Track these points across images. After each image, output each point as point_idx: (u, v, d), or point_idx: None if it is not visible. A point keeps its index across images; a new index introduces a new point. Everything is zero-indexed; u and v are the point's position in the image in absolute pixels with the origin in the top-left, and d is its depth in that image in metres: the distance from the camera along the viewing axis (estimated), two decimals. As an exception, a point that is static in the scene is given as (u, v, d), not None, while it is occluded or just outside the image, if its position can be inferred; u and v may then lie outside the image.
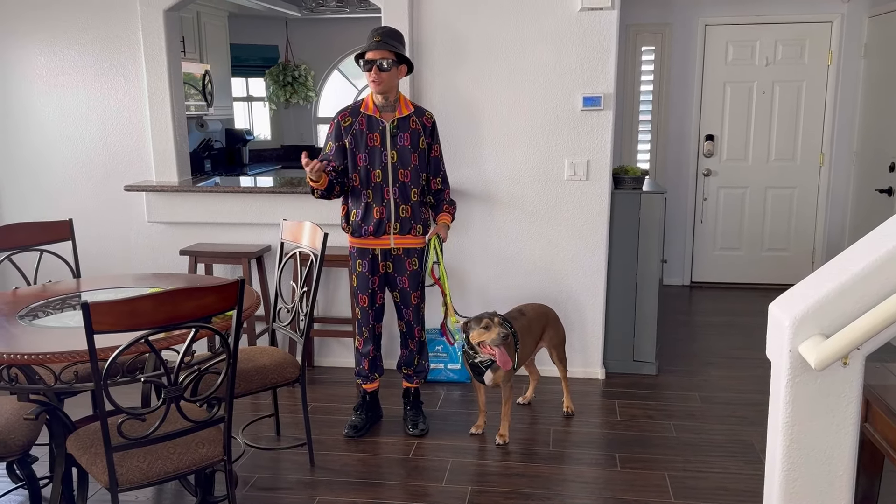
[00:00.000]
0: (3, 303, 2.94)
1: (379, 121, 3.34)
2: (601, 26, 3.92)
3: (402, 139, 3.35)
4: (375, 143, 3.34)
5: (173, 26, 4.35)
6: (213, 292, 2.29)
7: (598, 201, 4.10)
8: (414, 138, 3.37)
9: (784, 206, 6.17)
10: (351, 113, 3.37)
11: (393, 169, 3.34)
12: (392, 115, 3.35)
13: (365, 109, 3.36)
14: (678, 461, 3.29)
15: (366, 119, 3.34)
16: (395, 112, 3.36)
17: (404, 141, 3.35)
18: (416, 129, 3.38)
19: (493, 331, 3.26)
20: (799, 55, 5.91)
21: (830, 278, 1.47)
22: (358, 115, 3.35)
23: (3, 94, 4.51)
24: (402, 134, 3.35)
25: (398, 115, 3.35)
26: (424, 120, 3.41)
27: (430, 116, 3.45)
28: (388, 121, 3.34)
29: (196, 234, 4.46)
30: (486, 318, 3.29)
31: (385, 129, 3.34)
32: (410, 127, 3.37)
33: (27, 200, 4.60)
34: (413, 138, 3.37)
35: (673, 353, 4.69)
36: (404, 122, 3.36)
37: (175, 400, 2.27)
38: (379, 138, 3.34)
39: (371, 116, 3.34)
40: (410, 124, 3.37)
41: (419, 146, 3.39)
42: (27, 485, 2.66)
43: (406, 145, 3.35)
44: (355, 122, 3.35)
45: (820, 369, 1.38)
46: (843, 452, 1.47)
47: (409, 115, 3.37)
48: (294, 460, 3.33)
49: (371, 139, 3.33)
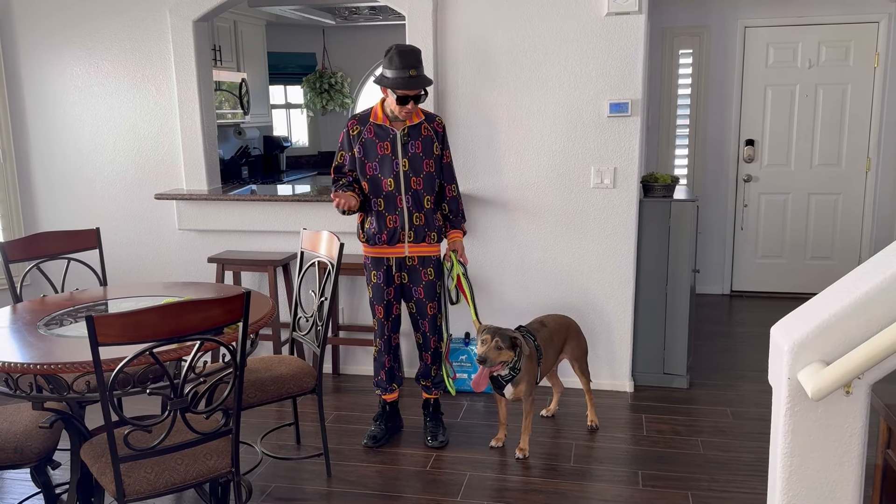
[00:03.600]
0: (28, 311, 3.01)
1: (390, 129, 3.32)
2: (628, 31, 3.83)
3: (413, 147, 3.33)
4: (387, 151, 3.32)
5: (203, 37, 4.41)
6: (219, 304, 2.29)
7: (625, 209, 4.00)
8: (427, 145, 3.35)
9: (828, 213, 5.95)
10: (360, 121, 3.36)
11: (405, 177, 3.32)
12: (402, 124, 3.33)
13: (374, 119, 3.34)
14: (703, 480, 3.18)
15: (375, 128, 3.33)
16: (406, 120, 3.33)
17: (416, 148, 3.33)
18: (428, 135, 3.36)
19: (484, 346, 3.21)
20: (844, 57, 5.70)
21: (833, 302, 1.38)
22: (367, 123, 3.34)
23: (40, 105, 4.63)
24: (414, 141, 3.33)
25: (409, 124, 3.33)
26: (436, 126, 3.39)
27: (441, 122, 3.43)
28: (398, 129, 3.33)
29: (226, 242, 4.50)
30: (486, 334, 3.23)
31: (396, 137, 3.32)
32: (423, 134, 3.35)
33: (61, 209, 4.72)
34: (426, 145, 3.35)
35: (706, 366, 4.55)
36: (416, 130, 3.34)
37: (181, 411, 2.28)
38: (390, 147, 3.32)
39: (381, 125, 3.33)
40: (422, 131, 3.35)
41: (433, 152, 3.37)
42: (43, 492, 2.70)
43: (418, 153, 3.33)
44: (364, 131, 3.34)
45: (817, 399, 1.30)
46: (848, 487, 1.38)
47: (421, 123, 3.35)
48: (311, 470, 3.32)
49: (382, 147, 3.32)
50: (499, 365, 3.24)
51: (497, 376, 3.31)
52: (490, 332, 3.24)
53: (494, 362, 3.20)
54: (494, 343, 3.20)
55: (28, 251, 3.40)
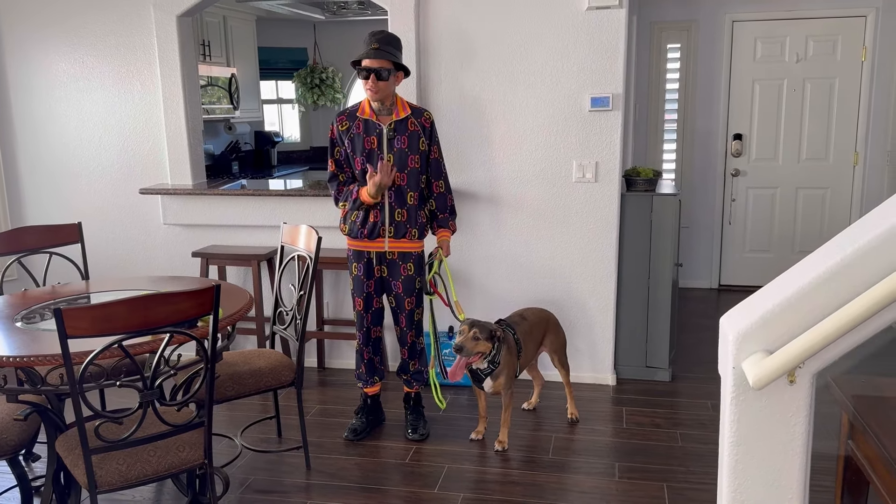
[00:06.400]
0: (8, 304, 3.02)
1: (376, 124, 3.32)
2: (609, 25, 3.84)
3: (399, 142, 3.31)
4: (373, 146, 3.33)
5: (187, 31, 4.41)
6: (189, 297, 2.30)
7: (607, 203, 4.01)
8: (412, 140, 3.33)
9: (816, 207, 5.96)
10: (348, 117, 3.37)
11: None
12: (389, 118, 3.33)
13: (361, 114, 3.35)
14: (680, 471, 3.20)
15: (363, 123, 3.33)
16: (393, 115, 3.33)
17: (402, 144, 3.32)
18: (414, 130, 3.34)
19: (461, 336, 3.22)
20: (831, 51, 5.70)
21: (778, 293, 1.40)
22: (355, 119, 3.35)
23: (26, 100, 4.64)
24: (400, 137, 3.32)
25: (395, 118, 3.32)
26: (423, 121, 3.37)
27: (429, 117, 3.40)
28: (385, 124, 3.32)
29: (210, 237, 4.52)
30: (464, 324, 3.24)
31: (382, 132, 3.32)
32: (409, 129, 3.33)
33: (47, 204, 4.73)
34: (411, 140, 3.33)
35: (690, 359, 4.57)
36: (402, 125, 3.32)
37: (151, 404, 2.30)
38: (376, 141, 3.33)
39: (368, 120, 3.33)
40: (409, 126, 3.33)
41: (419, 148, 3.35)
42: (18, 484, 2.72)
43: (403, 148, 3.32)
44: (352, 126, 3.35)
45: (758, 388, 1.31)
46: (792, 474, 1.40)
47: (407, 118, 3.34)
48: (291, 463, 3.34)
49: (368, 142, 3.32)
50: (476, 356, 3.24)
51: (476, 369, 3.33)
52: (468, 322, 3.25)
53: (471, 352, 3.21)
54: (472, 333, 3.21)
55: (9, 245, 3.42)
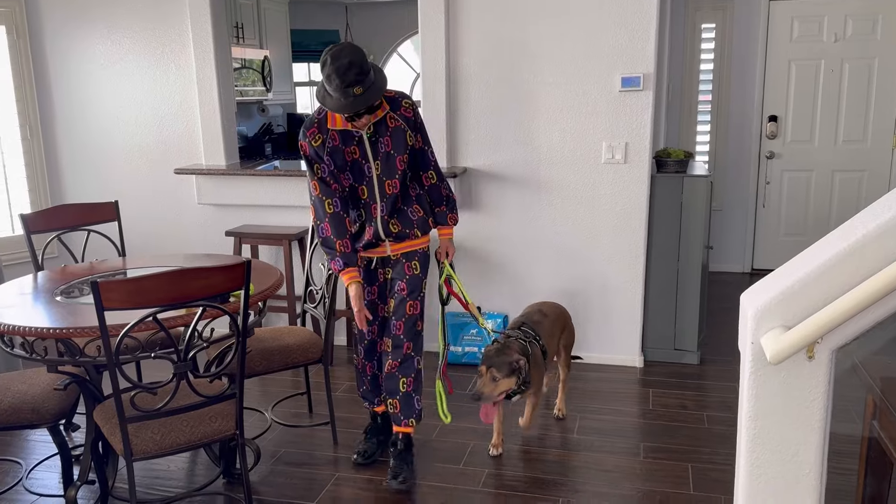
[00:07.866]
0: (49, 279, 3.13)
1: (353, 132, 2.82)
2: (641, 4, 3.80)
3: (383, 144, 2.85)
4: (355, 156, 2.85)
5: (220, 14, 4.47)
6: (221, 272, 2.37)
7: (637, 185, 3.99)
8: (397, 138, 2.86)
9: (852, 191, 5.85)
10: (319, 129, 2.82)
11: (379, 182, 2.88)
12: (367, 120, 2.79)
13: (333, 125, 2.81)
14: (705, 453, 3.21)
15: (338, 134, 2.82)
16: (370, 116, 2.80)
17: (386, 146, 2.85)
18: (397, 126, 2.85)
19: (480, 381, 3.01)
20: (871, 31, 5.56)
21: (799, 269, 1.40)
22: (327, 131, 2.82)
23: (65, 82, 4.75)
24: (382, 138, 2.84)
25: (372, 120, 2.80)
26: (403, 111, 2.86)
27: (409, 103, 2.88)
28: (362, 129, 2.83)
29: (244, 216, 4.60)
30: (482, 365, 3.01)
31: (362, 138, 2.83)
32: (390, 126, 2.85)
33: (85, 183, 4.85)
34: (396, 139, 2.86)
35: (720, 343, 4.54)
36: (382, 125, 2.84)
37: (184, 375, 2.37)
38: (358, 150, 2.84)
39: (342, 130, 2.82)
40: (389, 123, 2.84)
41: (406, 144, 2.88)
42: (59, 451, 2.83)
43: (389, 150, 2.86)
44: (327, 139, 2.82)
45: (775, 363, 1.32)
46: (810, 450, 1.41)
47: (385, 115, 2.83)
48: (320, 437, 3.42)
49: (349, 153, 2.84)
50: (500, 396, 3.03)
51: None
52: (486, 362, 3.00)
53: (493, 397, 3.00)
54: (489, 375, 2.97)
55: (49, 223, 3.52)
